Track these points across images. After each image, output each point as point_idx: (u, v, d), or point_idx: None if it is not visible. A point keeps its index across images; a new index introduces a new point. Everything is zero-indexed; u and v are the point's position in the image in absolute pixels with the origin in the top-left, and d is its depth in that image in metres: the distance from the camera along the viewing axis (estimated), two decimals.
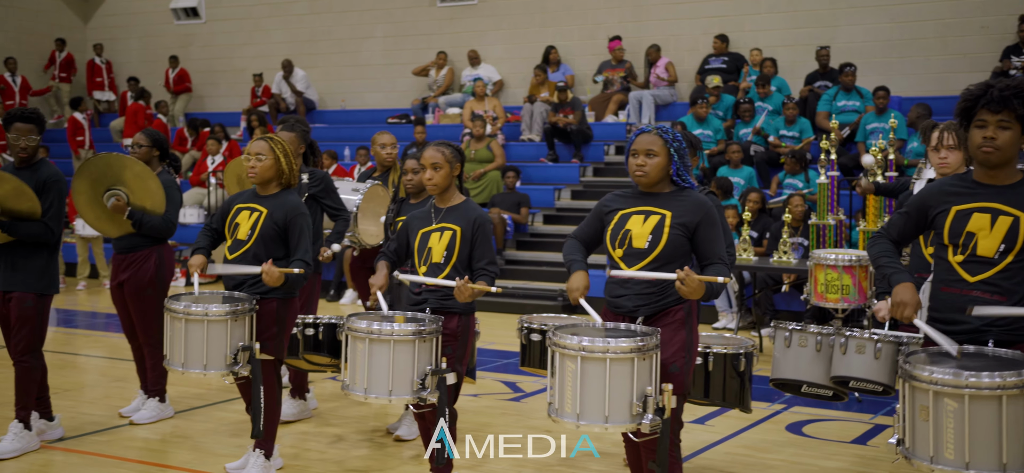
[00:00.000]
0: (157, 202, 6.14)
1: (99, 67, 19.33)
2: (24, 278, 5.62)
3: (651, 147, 4.11)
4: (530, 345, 5.48)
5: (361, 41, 17.72)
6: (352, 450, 5.89)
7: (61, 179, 5.68)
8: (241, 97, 18.05)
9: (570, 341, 3.88)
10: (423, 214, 4.85)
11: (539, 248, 12.85)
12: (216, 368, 4.95)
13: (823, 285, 7.20)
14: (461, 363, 4.75)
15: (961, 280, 3.65)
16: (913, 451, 3.50)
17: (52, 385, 6.08)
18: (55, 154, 16.77)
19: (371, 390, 4.48)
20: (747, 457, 5.81)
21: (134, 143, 6.45)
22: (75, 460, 5.71)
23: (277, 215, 5.04)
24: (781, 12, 14.80)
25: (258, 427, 5.05)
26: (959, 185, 3.74)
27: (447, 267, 4.67)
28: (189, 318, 4.93)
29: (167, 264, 6.35)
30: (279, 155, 5.10)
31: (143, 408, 6.48)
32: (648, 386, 3.87)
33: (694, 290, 3.88)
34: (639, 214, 4.13)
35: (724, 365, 5.08)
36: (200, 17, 19.00)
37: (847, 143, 12.16)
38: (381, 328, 4.45)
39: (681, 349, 4.08)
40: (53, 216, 5.60)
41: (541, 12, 16.36)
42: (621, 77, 15.07)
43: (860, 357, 4.69)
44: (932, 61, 13.85)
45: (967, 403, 3.33)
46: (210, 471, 5.46)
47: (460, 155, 4.84)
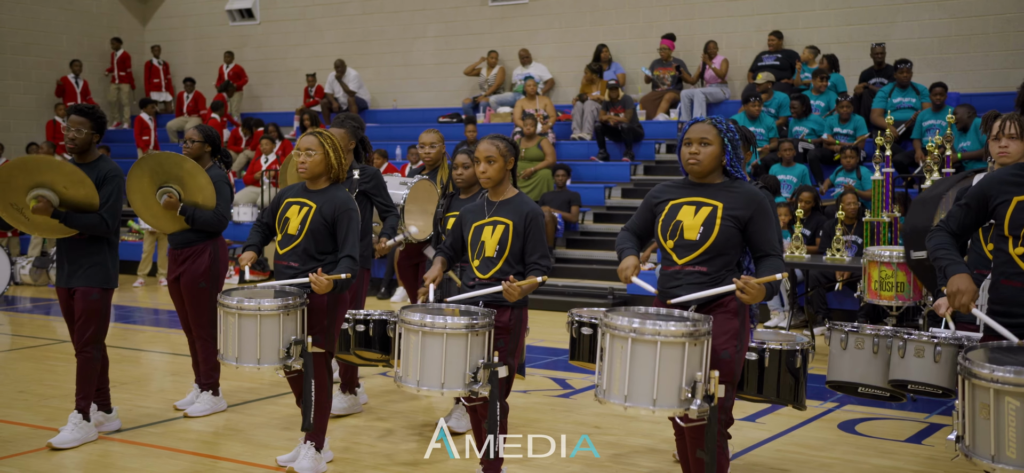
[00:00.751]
0: (208, 197, 6.25)
1: (156, 68, 19.67)
2: (87, 273, 5.76)
3: (705, 136, 4.07)
4: (580, 338, 5.46)
5: (413, 41, 17.81)
6: (401, 444, 5.92)
7: (119, 174, 5.80)
8: (294, 97, 18.25)
9: (622, 322, 3.86)
10: (476, 208, 4.85)
11: (589, 246, 12.83)
12: (269, 362, 5.00)
13: (877, 282, 7.10)
14: (513, 357, 4.75)
15: (1022, 273, 3.56)
16: (974, 449, 3.41)
17: (112, 379, 6.19)
18: (117, 154, 17.11)
19: (423, 382, 4.49)
20: (799, 455, 5.75)
21: (187, 138, 6.56)
22: (131, 451, 5.81)
23: (326, 210, 5.08)
24: (836, 8, 14.60)
25: (308, 420, 5.09)
26: (1020, 174, 3.65)
27: (500, 261, 4.68)
28: (242, 313, 4.99)
29: (221, 259, 6.46)
30: (328, 150, 5.13)
31: (197, 401, 6.59)
32: (698, 372, 3.84)
33: (755, 295, 3.85)
34: (690, 205, 4.09)
35: (779, 362, 5.02)
36: (255, 18, 19.22)
37: (903, 140, 11.97)
38: (434, 321, 4.46)
39: (733, 337, 4.05)
40: (110, 209, 5.71)
41: (592, 10, 16.31)
42: (672, 75, 14.98)
43: (919, 360, 4.59)
44: (991, 56, 13.57)
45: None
46: (262, 463, 5.53)
47: (514, 149, 4.83)
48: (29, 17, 18.72)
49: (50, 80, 18.80)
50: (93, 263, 5.76)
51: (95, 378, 5.88)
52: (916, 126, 11.92)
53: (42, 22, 18.89)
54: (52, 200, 5.60)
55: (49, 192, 5.60)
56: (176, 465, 5.57)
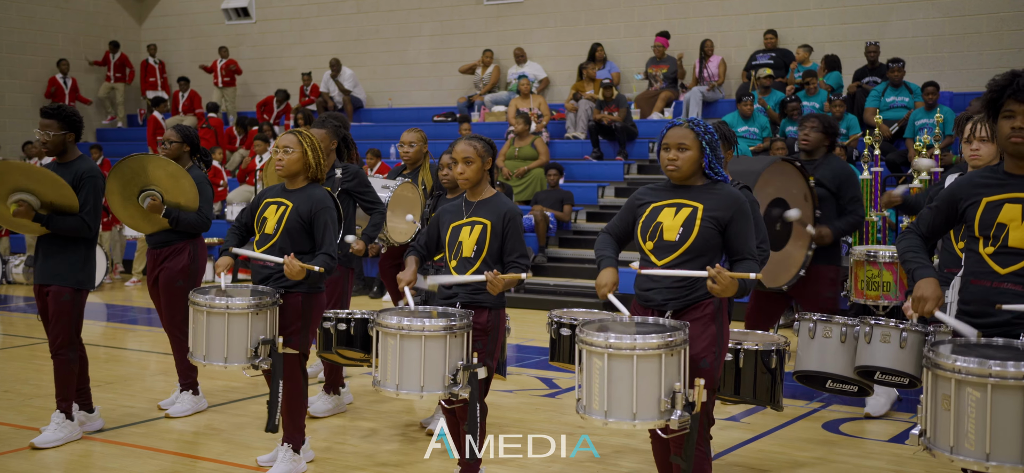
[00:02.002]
0: (190, 198, 6.24)
1: (152, 67, 19.67)
2: (61, 272, 5.73)
3: (682, 141, 4.06)
4: (560, 340, 5.45)
5: (408, 40, 17.81)
6: (384, 444, 5.92)
7: (97, 175, 5.77)
8: (290, 96, 18.23)
9: (597, 338, 3.84)
10: (454, 208, 4.83)
11: (582, 245, 12.81)
12: (237, 361, 4.97)
13: (863, 282, 7.07)
14: (492, 357, 4.74)
15: (992, 272, 3.56)
16: (935, 441, 3.41)
17: (96, 378, 6.19)
18: (113, 152, 17.09)
19: (402, 386, 4.47)
20: (781, 455, 5.73)
21: (165, 139, 6.54)
22: (113, 450, 5.80)
23: (303, 208, 5.05)
24: (830, 7, 14.59)
25: (273, 421, 5.04)
26: (990, 176, 3.65)
27: (477, 261, 4.66)
28: (211, 311, 4.96)
29: (200, 258, 6.46)
30: (306, 149, 5.11)
31: (177, 401, 6.58)
32: (677, 382, 3.82)
33: (726, 287, 3.82)
34: (671, 207, 4.08)
35: (755, 362, 5.00)
36: (250, 17, 19.23)
37: (896, 139, 11.96)
38: (412, 324, 4.43)
39: (711, 344, 4.02)
40: (90, 211, 5.70)
41: (587, 10, 16.30)
42: (664, 73, 14.97)
43: (885, 346, 4.59)
44: (985, 55, 13.56)
45: (990, 392, 3.25)
46: (242, 463, 5.52)
47: (491, 149, 4.82)
48: (25, 16, 18.72)
49: (46, 79, 18.80)
50: (69, 263, 5.73)
51: (73, 379, 5.87)
52: (909, 125, 11.91)
53: (38, 21, 18.89)
54: (33, 204, 5.58)
55: (30, 196, 5.58)
56: (156, 464, 5.56)
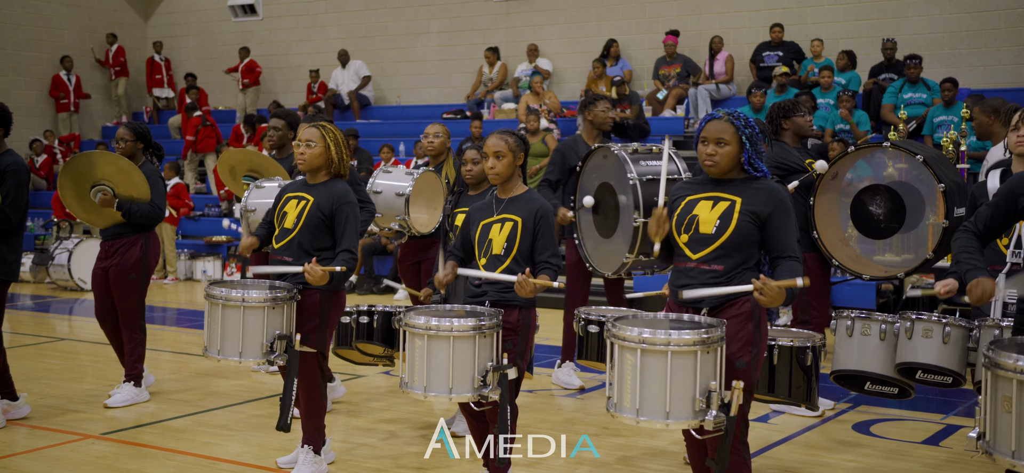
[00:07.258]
0: (142, 192, 6.42)
1: (158, 64, 19.53)
2: None
3: (721, 135, 3.90)
4: (587, 337, 5.32)
5: (417, 37, 17.68)
6: (406, 447, 5.77)
7: (21, 168, 5.88)
8: (297, 93, 18.11)
9: (630, 332, 3.69)
10: (484, 205, 4.68)
11: None
12: (252, 356, 4.83)
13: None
14: (522, 358, 4.56)
15: None
16: (995, 445, 3.27)
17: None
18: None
19: (431, 388, 4.31)
20: (811, 457, 5.59)
21: (118, 137, 6.70)
22: (129, 451, 5.67)
23: (324, 204, 4.91)
24: (845, 3, 14.45)
25: (284, 419, 4.90)
26: None
27: (507, 259, 4.50)
28: (227, 304, 4.81)
29: (152, 251, 6.61)
30: (330, 143, 4.97)
31: (118, 391, 6.64)
32: (712, 381, 3.67)
33: (774, 298, 3.66)
34: (707, 200, 3.93)
35: (790, 359, 4.87)
36: (257, 14, 19.10)
37: (914, 136, 11.82)
38: (440, 324, 4.28)
39: (748, 344, 3.86)
40: (11, 203, 5.80)
41: (598, 6, 16.16)
42: (677, 72, 14.84)
43: (927, 342, 4.43)
44: (1003, 51, 13.42)
45: None
46: (261, 464, 5.39)
47: (524, 144, 4.67)
48: (30, 12, 18.61)
49: (50, 76, 18.70)
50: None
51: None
52: (927, 122, 11.77)
53: (44, 17, 18.78)
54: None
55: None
56: (173, 465, 5.42)
